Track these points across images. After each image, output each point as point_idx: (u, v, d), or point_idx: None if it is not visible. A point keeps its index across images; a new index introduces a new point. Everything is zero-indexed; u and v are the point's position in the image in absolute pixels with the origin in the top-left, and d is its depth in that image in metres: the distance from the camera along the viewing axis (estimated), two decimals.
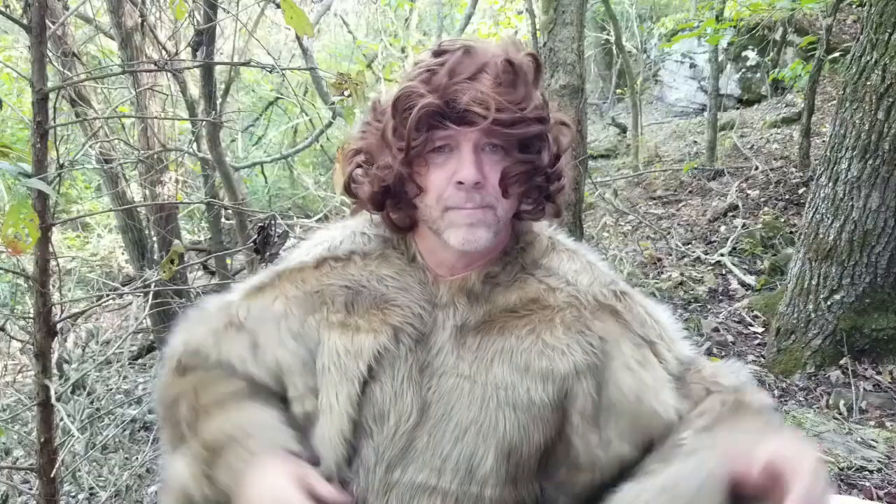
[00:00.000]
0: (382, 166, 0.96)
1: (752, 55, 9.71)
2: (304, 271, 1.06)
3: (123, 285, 4.88)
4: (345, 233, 1.09)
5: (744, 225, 6.12)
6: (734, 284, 5.20)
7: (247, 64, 2.27)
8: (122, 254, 7.34)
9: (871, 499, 2.56)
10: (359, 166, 1.02)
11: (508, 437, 0.94)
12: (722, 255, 5.63)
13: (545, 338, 0.97)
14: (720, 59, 8.32)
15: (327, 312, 1.02)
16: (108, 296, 3.16)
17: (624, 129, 10.31)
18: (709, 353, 4.08)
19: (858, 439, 3.02)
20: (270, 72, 2.19)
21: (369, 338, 0.98)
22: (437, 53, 0.93)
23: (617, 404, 0.97)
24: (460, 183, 0.91)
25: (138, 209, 5.34)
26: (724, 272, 5.44)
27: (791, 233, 5.66)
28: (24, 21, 1.65)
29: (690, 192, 7.55)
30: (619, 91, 12.13)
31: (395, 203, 0.99)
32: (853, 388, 3.44)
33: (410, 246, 1.04)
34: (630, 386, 0.97)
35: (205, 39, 3.93)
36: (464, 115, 0.88)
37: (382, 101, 0.98)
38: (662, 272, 5.68)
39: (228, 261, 4.82)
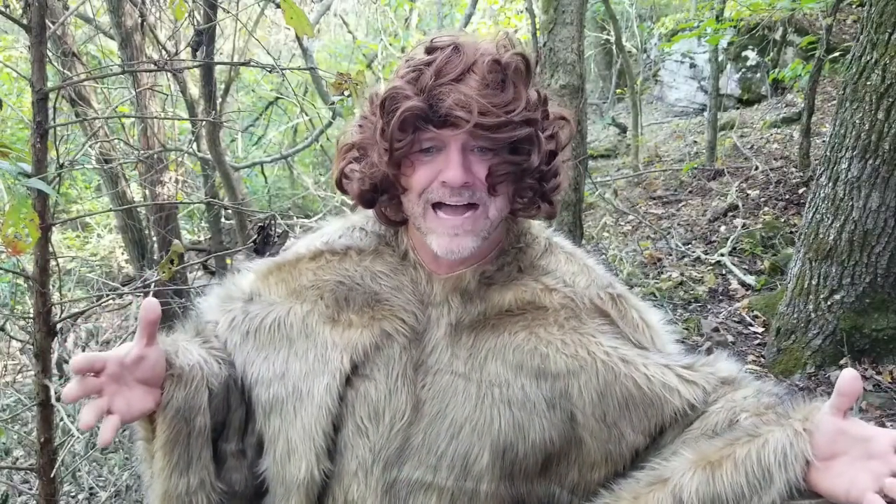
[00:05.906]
0: (370, 164, 0.96)
1: (752, 55, 9.71)
2: (301, 263, 1.07)
3: (123, 285, 4.88)
4: (344, 227, 1.10)
5: (744, 225, 6.11)
6: (734, 284, 5.19)
7: (247, 64, 2.27)
8: (122, 254, 7.34)
9: None
10: (351, 162, 1.02)
11: (503, 434, 0.94)
12: (722, 255, 5.62)
13: (539, 336, 0.98)
14: (720, 59, 8.31)
15: (321, 306, 1.03)
16: (108, 296, 3.15)
17: (624, 129, 10.30)
18: (709, 353, 4.07)
19: None
20: (270, 72, 2.18)
21: (357, 333, 0.98)
22: (428, 51, 0.92)
23: (625, 398, 0.97)
24: (444, 183, 0.90)
25: (138, 209, 5.34)
26: (724, 272, 5.43)
27: (791, 233, 5.65)
28: (24, 21, 1.65)
29: (690, 192, 7.54)
30: (619, 91, 12.12)
31: (387, 199, 0.99)
32: None
33: (402, 242, 1.04)
34: (634, 379, 0.97)
35: (205, 39, 3.93)
36: (446, 118, 0.87)
37: (379, 94, 0.97)
38: (662, 272, 5.67)
39: (228, 261, 4.81)
